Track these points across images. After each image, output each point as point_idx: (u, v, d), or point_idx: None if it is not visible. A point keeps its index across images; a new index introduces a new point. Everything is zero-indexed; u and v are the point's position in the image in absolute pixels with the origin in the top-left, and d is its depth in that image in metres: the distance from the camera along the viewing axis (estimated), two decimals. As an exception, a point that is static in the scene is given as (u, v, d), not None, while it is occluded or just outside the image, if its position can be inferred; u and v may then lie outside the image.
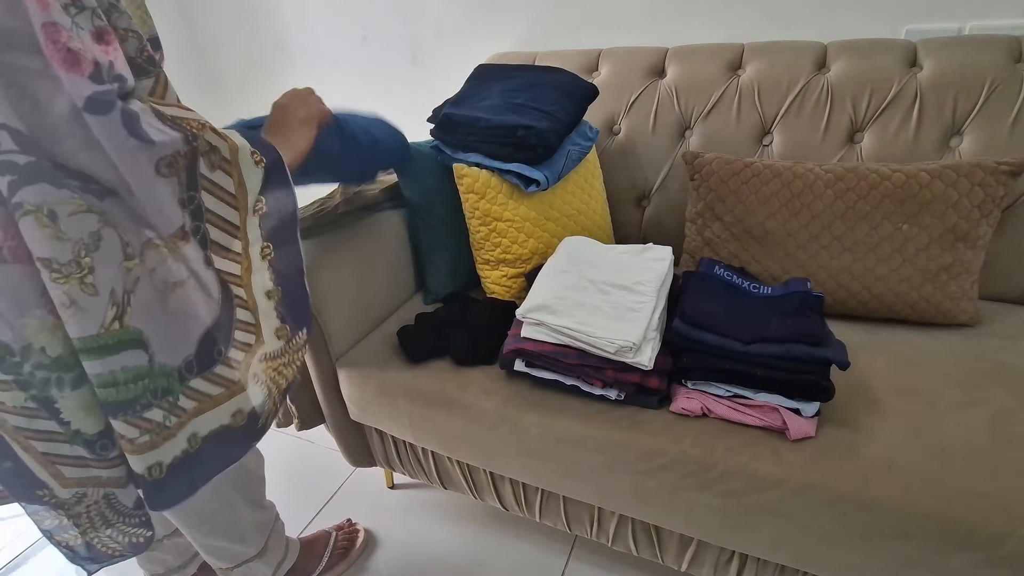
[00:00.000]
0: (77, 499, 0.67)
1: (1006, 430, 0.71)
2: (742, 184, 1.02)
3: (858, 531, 0.68)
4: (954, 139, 1.01)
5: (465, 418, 0.90)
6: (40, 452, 0.63)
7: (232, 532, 0.89)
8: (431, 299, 1.14)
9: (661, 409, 0.82)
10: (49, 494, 0.66)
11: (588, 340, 0.79)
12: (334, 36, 1.72)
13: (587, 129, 1.17)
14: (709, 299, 0.87)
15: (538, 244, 1.06)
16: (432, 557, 1.14)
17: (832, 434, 0.74)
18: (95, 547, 0.72)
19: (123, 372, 0.61)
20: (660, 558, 0.93)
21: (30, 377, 0.59)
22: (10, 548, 1.28)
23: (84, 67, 0.54)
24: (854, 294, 0.96)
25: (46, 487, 0.66)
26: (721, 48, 1.18)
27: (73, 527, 0.69)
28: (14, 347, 0.58)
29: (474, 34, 1.52)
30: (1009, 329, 0.92)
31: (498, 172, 1.03)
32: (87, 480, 0.66)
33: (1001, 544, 0.62)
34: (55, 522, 0.69)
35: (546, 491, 0.97)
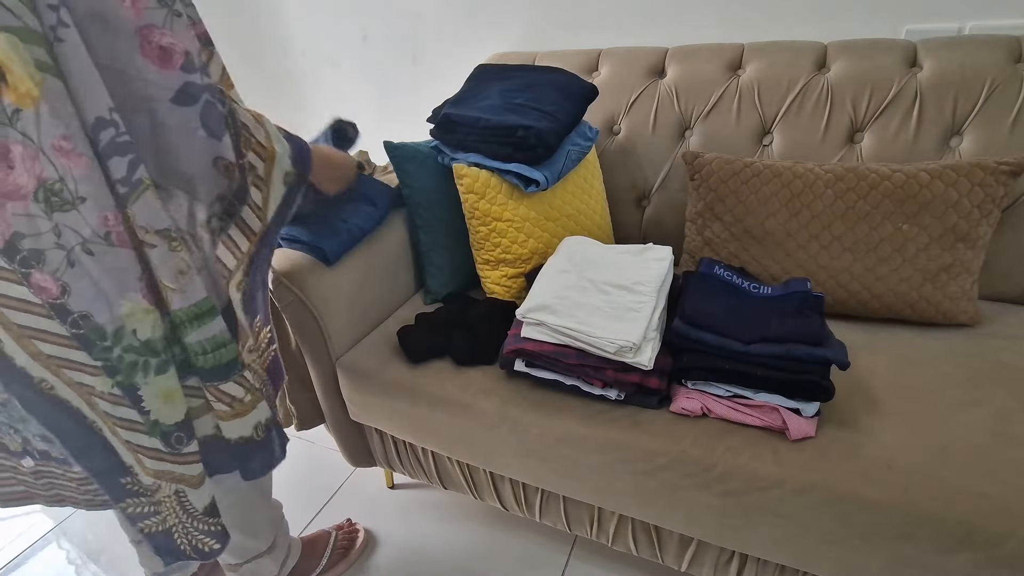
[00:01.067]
0: (156, 488, 0.71)
1: (1006, 430, 0.71)
2: (742, 184, 1.02)
3: (858, 531, 0.68)
4: (954, 139, 1.01)
5: (465, 418, 0.90)
6: (123, 440, 0.67)
7: (246, 526, 0.90)
8: (431, 299, 1.14)
9: (661, 409, 0.82)
10: (133, 481, 0.70)
11: (588, 340, 0.79)
12: (334, 37, 1.72)
13: (587, 129, 1.17)
14: (709, 299, 0.87)
15: (538, 244, 1.06)
16: (432, 557, 1.14)
17: (832, 434, 0.74)
18: (173, 539, 0.75)
19: (219, 336, 0.68)
20: (660, 558, 0.93)
21: (118, 362, 0.62)
22: (10, 548, 1.28)
23: (176, 60, 0.60)
24: (854, 294, 0.96)
25: (131, 473, 0.70)
26: (721, 48, 1.18)
27: (156, 514, 0.73)
28: (107, 330, 0.61)
29: (474, 34, 1.52)
30: (1009, 329, 0.92)
31: (498, 172, 1.03)
32: (162, 473, 0.70)
33: (1001, 544, 0.62)
34: (139, 509, 0.72)
35: (546, 491, 0.97)
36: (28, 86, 0.52)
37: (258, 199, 0.73)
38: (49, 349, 0.62)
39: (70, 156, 0.55)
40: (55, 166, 0.55)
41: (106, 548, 1.25)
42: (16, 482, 0.76)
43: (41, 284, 0.58)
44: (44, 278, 0.58)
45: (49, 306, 0.59)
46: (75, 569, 1.22)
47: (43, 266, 0.57)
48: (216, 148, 0.65)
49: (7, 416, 0.67)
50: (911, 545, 0.66)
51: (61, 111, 0.55)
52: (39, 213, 0.56)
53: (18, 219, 0.55)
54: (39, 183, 0.55)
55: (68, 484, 0.75)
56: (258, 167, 0.72)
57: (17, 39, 0.51)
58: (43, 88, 0.53)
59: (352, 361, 1.00)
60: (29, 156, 0.54)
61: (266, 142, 0.72)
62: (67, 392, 0.64)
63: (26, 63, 0.52)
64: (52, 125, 0.54)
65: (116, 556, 1.23)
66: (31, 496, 0.77)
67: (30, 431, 0.69)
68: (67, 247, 0.57)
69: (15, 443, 0.70)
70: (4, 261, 0.57)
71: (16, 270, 0.57)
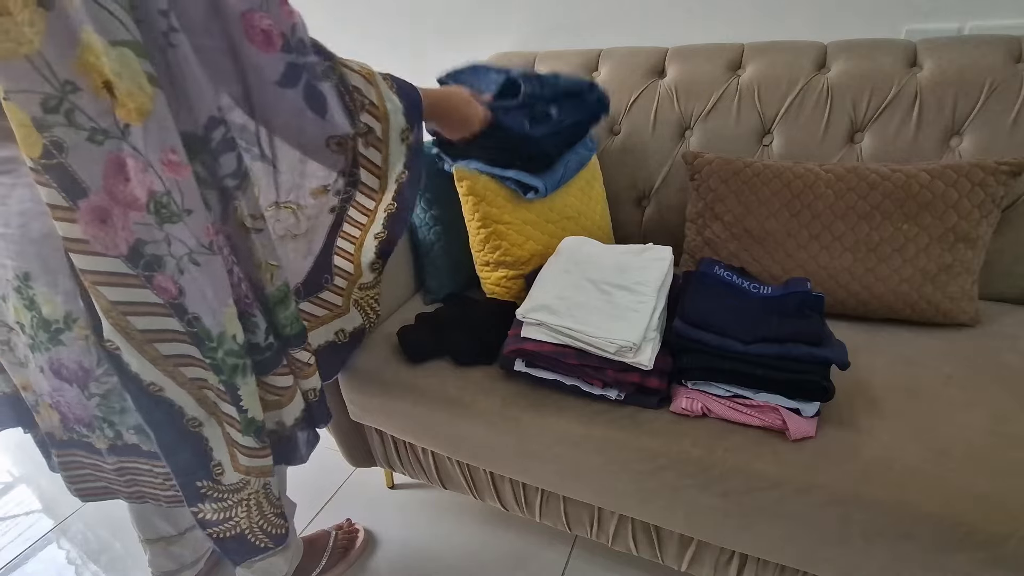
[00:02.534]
0: (242, 484, 0.76)
1: (1006, 430, 0.71)
2: (742, 184, 1.02)
3: (858, 531, 0.68)
4: (954, 139, 1.01)
5: (465, 418, 0.90)
6: (226, 432, 0.72)
7: None
8: (431, 299, 1.14)
9: (661, 409, 0.81)
10: (211, 485, 0.74)
11: (588, 340, 0.79)
12: (334, 36, 1.71)
13: (587, 140, 1.17)
14: (709, 299, 0.87)
15: (537, 246, 1.06)
16: (432, 557, 1.14)
17: (832, 434, 0.74)
18: (247, 539, 0.81)
19: (294, 311, 0.75)
20: (660, 558, 0.93)
21: (222, 363, 0.67)
22: (10, 548, 1.28)
23: (276, 42, 0.61)
24: (854, 294, 0.96)
25: (211, 476, 0.74)
26: (721, 48, 1.18)
27: (228, 520, 0.78)
28: (213, 333, 0.65)
29: (474, 34, 1.52)
30: (1009, 329, 0.92)
31: (497, 177, 1.03)
32: (253, 469, 0.75)
33: (1001, 544, 0.62)
34: (211, 515, 0.76)
35: (546, 491, 0.97)
36: (140, 101, 0.54)
37: (377, 159, 0.78)
38: (168, 349, 0.65)
39: (177, 168, 0.58)
40: (162, 180, 0.57)
41: (106, 548, 1.25)
42: (96, 479, 0.80)
43: (162, 285, 0.61)
44: (164, 279, 0.61)
45: (169, 305, 0.62)
46: (75, 569, 1.22)
47: (163, 270, 0.60)
48: (325, 127, 0.69)
49: (105, 408, 0.71)
50: (911, 545, 0.66)
51: (167, 124, 0.56)
52: (152, 223, 0.58)
53: (139, 227, 0.58)
54: (150, 196, 0.57)
55: (153, 480, 0.78)
56: (375, 128, 0.75)
57: (132, 53, 0.52)
58: (155, 101, 0.55)
59: (352, 361, 1.00)
60: (139, 169, 0.56)
61: (378, 102, 0.74)
62: (175, 392, 0.68)
63: (138, 77, 0.53)
64: (159, 138, 0.56)
65: (116, 556, 1.23)
66: (112, 492, 0.81)
67: (125, 424, 0.72)
68: (176, 256, 0.60)
69: (103, 440, 0.73)
70: (129, 267, 0.59)
71: (140, 274, 0.60)
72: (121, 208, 0.56)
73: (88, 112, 0.53)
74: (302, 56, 0.65)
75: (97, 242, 0.57)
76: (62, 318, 0.65)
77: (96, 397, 0.69)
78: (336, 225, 0.84)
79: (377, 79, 0.74)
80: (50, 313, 0.64)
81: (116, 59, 0.52)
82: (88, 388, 0.69)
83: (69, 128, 0.53)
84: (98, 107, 0.53)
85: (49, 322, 0.65)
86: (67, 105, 0.52)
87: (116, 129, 0.54)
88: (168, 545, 0.97)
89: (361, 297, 0.93)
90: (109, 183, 0.55)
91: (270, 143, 0.70)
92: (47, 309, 0.64)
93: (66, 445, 0.75)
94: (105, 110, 0.53)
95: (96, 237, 0.57)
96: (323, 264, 0.86)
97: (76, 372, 0.68)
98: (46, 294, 0.63)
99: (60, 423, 0.73)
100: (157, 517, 0.94)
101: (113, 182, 0.56)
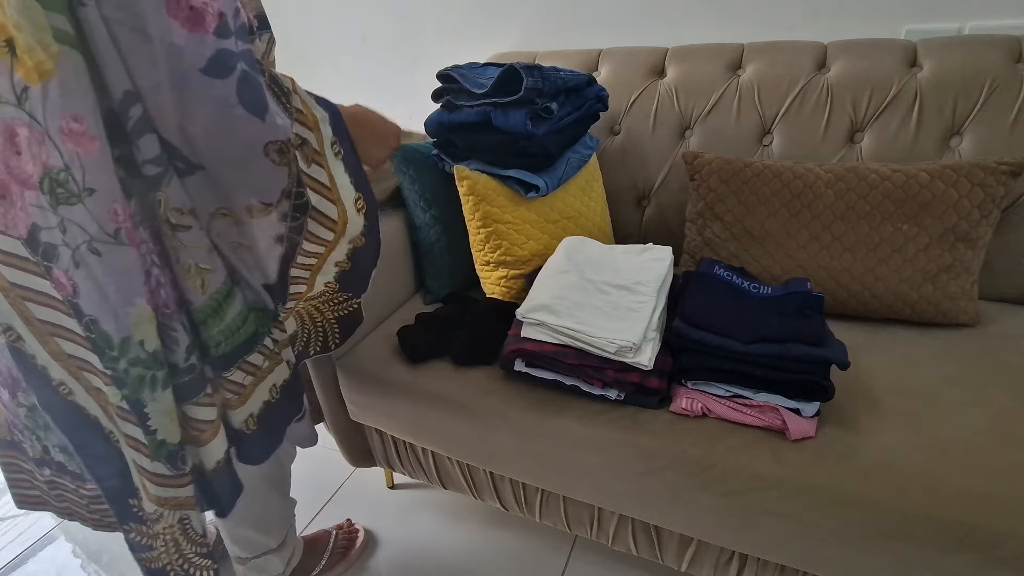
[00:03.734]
0: (157, 517, 0.66)
1: (1006, 430, 0.71)
2: (742, 184, 1.02)
3: (858, 531, 0.68)
4: (954, 139, 1.01)
5: (465, 418, 0.90)
6: (131, 459, 0.63)
7: (261, 522, 0.91)
8: (431, 299, 1.14)
9: (661, 409, 0.81)
10: (139, 506, 0.66)
11: (588, 340, 0.79)
12: (334, 37, 1.72)
13: (587, 138, 1.17)
14: (709, 299, 0.87)
15: (538, 246, 1.06)
16: (432, 557, 1.14)
17: (832, 434, 0.74)
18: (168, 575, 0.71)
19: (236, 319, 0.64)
20: (660, 558, 0.93)
21: (124, 375, 0.57)
22: (10, 548, 1.28)
23: (208, 22, 0.51)
24: (854, 294, 0.96)
25: (137, 496, 0.65)
26: (721, 48, 1.18)
27: (151, 548, 0.68)
28: (114, 339, 0.55)
29: (474, 34, 1.52)
30: (1009, 329, 0.92)
31: (498, 177, 1.03)
32: (165, 500, 0.65)
33: (1001, 544, 0.62)
34: (139, 539, 0.68)
35: (546, 491, 0.97)
36: (39, 59, 0.46)
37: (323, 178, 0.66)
38: (70, 348, 0.58)
39: (80, 140, 0.49)
40: (61, 152, 0.49)
41: (106, 548, 1.25)
42: (32, 486, 0.75)
43: (60, 280, 0.54)
44: (60, 274, 0.53)
45: (67, 302, 0.55)
46: (75, 569, 1.22)
47: (57, 262, 0.53)
48: (260, 130, 0.56)
49: (32, 422, 0.66)
50: (911, 545, 0.66)
51: (74, 87, 0.48)
52: (46, 205, 0.50)
53: (34, 210, 0.51)
54: (44, 171, 0.49)
55: (79, 500, 0.72)
56: (310, 139, 0.64)
57: (37, 4, 0.45)
58: (57, 62, 0.47)
59: (352, 361, 1.00)
60: (35, 141, 0.48)
61: (305, 109, 0.64)
62: (85, 399, 0.61)
63: (41, 32, 0.46)
64: (61, 104, 0.48)
65: (116, 556, 1.23)
66: (44, 503, 0.75)
67: (51, 441, 0.66)
68: (72, 245, 0.52)
69: (35, 450, 0.68)
70: (28, 252, 0.53)
71: (40, 262, 0.53)
72: (18, 185, 0.50)
73: None
74: (242, 43, 0.55)
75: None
76: None
77: (24, 408, 0.64)
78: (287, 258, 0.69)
79: (297, 85, 0.64)
80: None
81: (17, 8, 0.45)
82: (16, 397, 0.64)
83: None
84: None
85: None
86: None
87: (11, 94, 0.47)
88: None
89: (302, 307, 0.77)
90: (4, 154, 0.49)
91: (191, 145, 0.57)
92: None
93: (9, 446, 0.71)
94: (1, 71, 0.46)
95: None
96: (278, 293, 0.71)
97: (7, 378, 0.63)
98: None
99: (5, 422, 0.68)
100: None
101: (6, 154, 0.49)
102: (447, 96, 1.09)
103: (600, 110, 1.16)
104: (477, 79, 1.04)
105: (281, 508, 0.96)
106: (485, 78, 1.04)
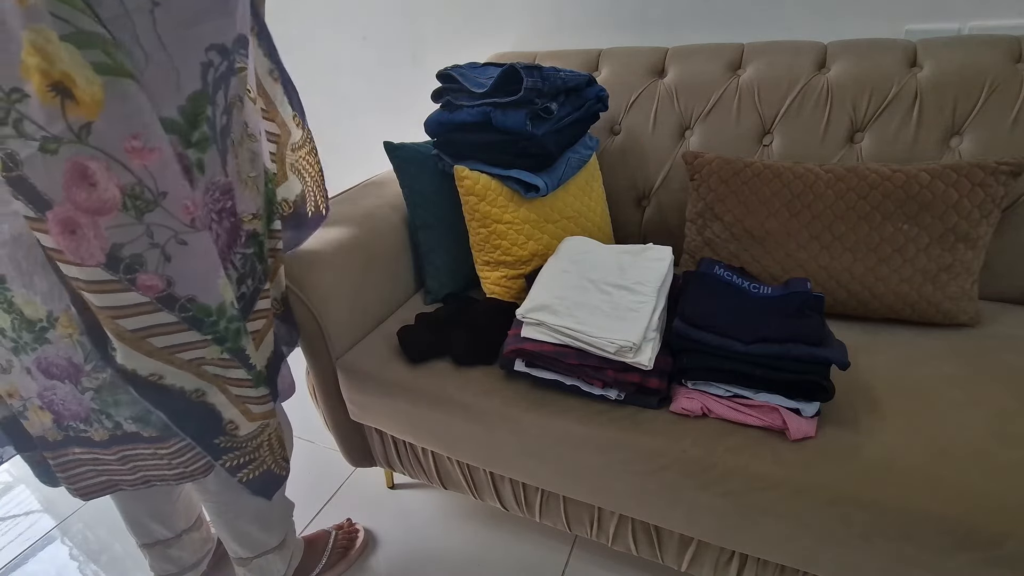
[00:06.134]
0: (260, 430, 0.79)
1: (1006, 430, 0.71)
2: (742, 184, 1.02)
3: (858, 531, 0.68)
4: (954, 139, 1.01)
5: (465, 418, 0.90)
6: (235, 395, 0.74)
7: (262, 518, 0.92)
8: (431, 299, 1.14)
9: (661, 409, 0.82)
10: (227, 438, 0.76)
11: (588, 340, 0.79)
12: (334, 37, 1.72)
13: (587, 138, 1.17)
14: (709, 299, 0.87)
15: (538, 246, 1.06)
16: (432, 557, 1.14)
17: (832, 434, 0.74)
18: (273, 472, 0.84)
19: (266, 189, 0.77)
20: (660, 558, 0.93)
21: (225, 332, 0.68)
22: (10, 548, 1.28)
23: None
24: (854, 294, 0.96)
25: (225, 431, 0.75)
26: (721, 48, 1.18)
27: (252, 461, 0.80)
28: (212, 307, 0.65)
29: (474, 34, 1.52)
30: (1009, 329, 0.92)
31: (498, 177, 1.03)
32: (268, 414, 0.79)
33: (1001, 544, 0.62)
34: (236, 461, 0.79)
35: (546, 491, 0.97)
36: (92, 92, 0.51)
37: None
38: (162, 341, 0.65)
39: (142, 153, 0.56)
40: (131, 169, 0.55)
41: (106, 548, 1.25)
42: (97, 475, 0.79)
43: (148, 283, 0.60)
44: (149, 277, 0.60)
45: (157, 300, 0.62)
46: (75, 569, 1.22)
47: (144, 267, 0.59)
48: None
49: (100, 401, 0.71)
50: (911, 545, 0.66)
51: (126, 111, 0.54)
52: (130, 221, 0.57)
53: (112, 231, 0.56)
54: (121, 192, 0.55)
55: (158, 463, 0.78)
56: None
57: (74, 47, 0.50)
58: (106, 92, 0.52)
59: (352, 361, 1.00)
60: (103, 169, 0.54)
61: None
62: (174, 376, 0.68)
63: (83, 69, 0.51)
64: (121, 128, 0.54)
65: (116, 556, 1.23)
66: (115, 484, 0.81)
67: (122, 414, 0.72)
68: (161, 243, 0.59)
69: (102, 431, 0.74)
70: (109, 274, 0.58)
71: (122, 278, 0.59)
72: (89, 216, 0.55)
73: (37, 120, 0.51)
74: None
75: (71, 253, 0.56)
76: (45, 317, 0.64)
77: (90, 391, 0.69)
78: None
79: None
80: (32, 313, 0.64)
81: (67, 56, 0.50)
82: (80, 383, 0.69)
83: (19, 139, 0.51)
84: (46, 113, 0.51)
85: (33, 322, 0.64)
86: (14, 115, 0.51)
87: (70, 133, 0.52)
88: (166, 548, 0.97)
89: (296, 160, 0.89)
90: (71, 193, 0.54)
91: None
92: (28, 310, 0.64)
93: (60, 445, 0.75)
94: (54, 115, 0.51)
95: (68, 248, 0.56)
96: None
97: (67, 369, 0.68)
98: (24, 295, 0.63)
99: (53, 423, 0.73)
100: (150, 520, 0.94)
101: (76, 191, 0.54)
102: (447, 96, 1.09)
103: (600, 110, 1.16)
104: (477, 79, 1.05)
105: (281, 503, 0.96)
106: (485, 78, 1.04)
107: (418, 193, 1.10)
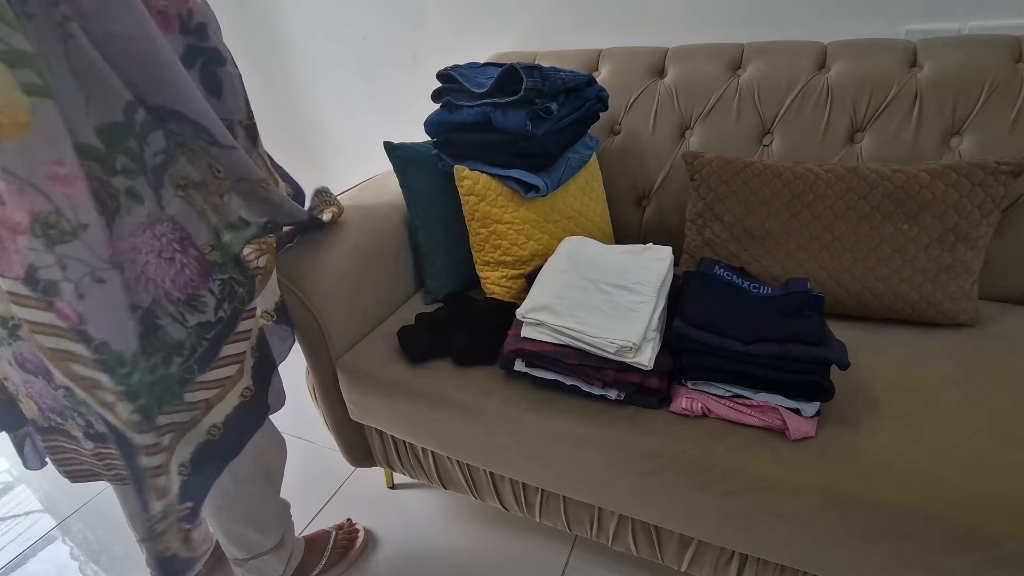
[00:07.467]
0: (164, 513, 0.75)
1: (1006, 430, 0.71)
2: (742, 184, 1.02)
3: (858, 531, 0.68)
4: (954, 139, 1.01)
5: (465, 418, 0.90)
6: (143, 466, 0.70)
7: (257, 520, 0.91)
8: (431, 299, 1.14)
9: (661, 409, 0.82)
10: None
11: (588, 340, 0.79)
12: (334, 37, 1.72)
13: (587, 138, 1.17)
14: (709, 299, 0.87)
15: (538, 246, 1.06)
16: (432, 557, 1.14)
17: (832, 434, 0.74)
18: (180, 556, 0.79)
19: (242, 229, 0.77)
20: (660, 558, 0.93)
21: (138, 387, 0.65)
22: (10, 548, 1.28)
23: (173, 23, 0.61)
24: (854, 294, 0.96)
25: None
26: (721, 48, 1.18)
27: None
28: (126, 355, 0.62)
29: (474, 34, 1.52)
30: (1009, 329, 0.92)
31: (498, 177, 1.03)
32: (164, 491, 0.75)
33: (1001, 544, 0.62)
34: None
35: (546, 491, 0.97)
36: (15, 114, 0.49)
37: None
38: (81, 370, 0.62)
39: (66, 181, 0.53)
40: (49, 196, 0.53)
41: (106, 548, 1.25)
42: (79, 462, 0.79)
43: (64, 311, 0.58)
44: (64, 305, 0.57)
45: (73, 331, 0.59)
46: (75, 569, 1.22)
47: (60, 296, 0.57)
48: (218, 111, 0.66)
49: (71, 401, 0.70)
50: (911, 545, 0.66)
51: (53, 134, 0.52)
52: (40, 248, 0.54)
53: (30, 252, 0.55)
54: (33, 218, 0.53)
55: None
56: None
57: (2, 65, 0.48)
58: (32, 113, 0.50)
59: (352, 361, 1.00)
60: (14, 191, 0.52)
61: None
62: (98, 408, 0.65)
63: (8, 89, 0.49)
64: (45, 152, 0.52)
65: (116, 556, 1.23)
66: (95, 474, 0.81)
67: (92, 415, 0.71)
68: (74, 279, 0.56)
69: (77, 427, 0.73)
70: (28, 290, 0.57)
71: (41, 298, 0.57)
72: (8, 231, 0.53)
73: None
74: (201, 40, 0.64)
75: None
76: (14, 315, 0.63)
77: (61, 389, 0.68)
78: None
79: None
80: (3, 311, 0.63)
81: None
82: (53, 380, 0.68)
83: None
84: None
85: (5, 319, 0.64)
86: None
87: None
88: None
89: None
90: None
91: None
92: (1, 307, 0.63)
93: (48, 431, 0.76)
94: None
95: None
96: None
97: (39, 366, 0.67)
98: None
99: (38, 412, 0.73)
100: None
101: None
102: (447, 96, 1.09)
103: (600, 110, 1.16)
104: (477, 79, 1.05)
105: (277, 505, 0.96)
106: (485, 78, 1.04)
107: (418, 193, 1.10)
